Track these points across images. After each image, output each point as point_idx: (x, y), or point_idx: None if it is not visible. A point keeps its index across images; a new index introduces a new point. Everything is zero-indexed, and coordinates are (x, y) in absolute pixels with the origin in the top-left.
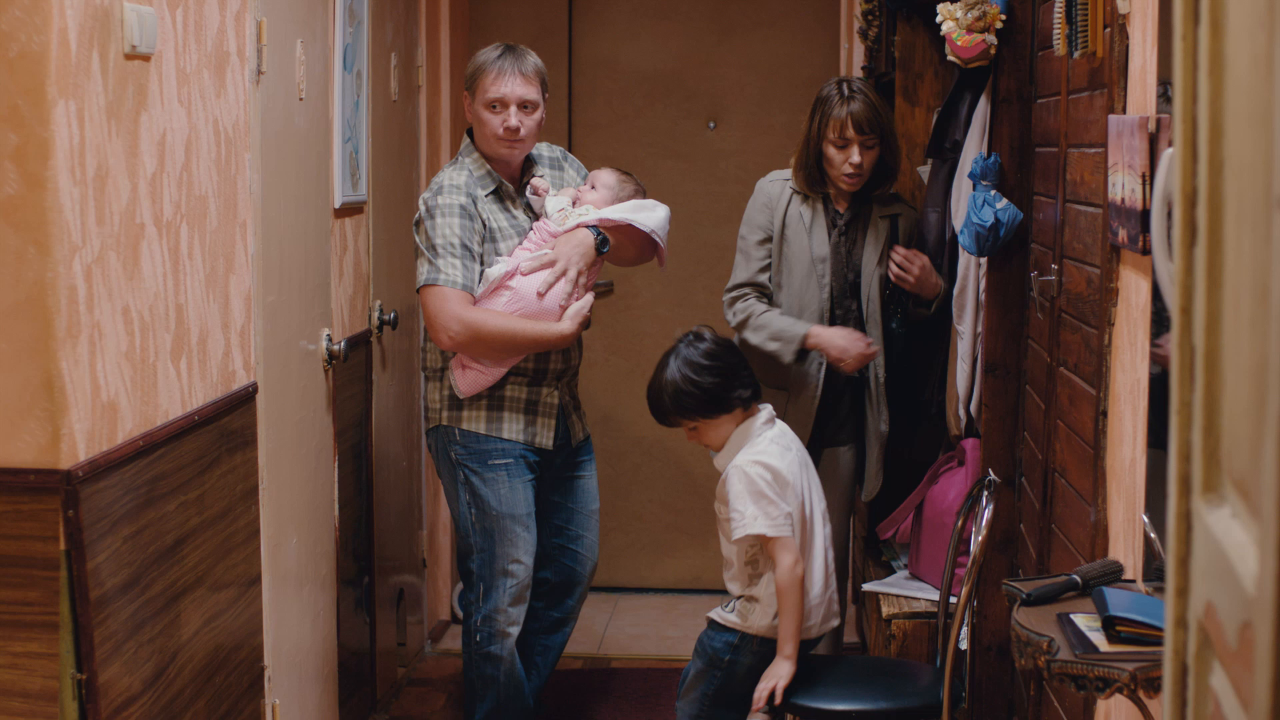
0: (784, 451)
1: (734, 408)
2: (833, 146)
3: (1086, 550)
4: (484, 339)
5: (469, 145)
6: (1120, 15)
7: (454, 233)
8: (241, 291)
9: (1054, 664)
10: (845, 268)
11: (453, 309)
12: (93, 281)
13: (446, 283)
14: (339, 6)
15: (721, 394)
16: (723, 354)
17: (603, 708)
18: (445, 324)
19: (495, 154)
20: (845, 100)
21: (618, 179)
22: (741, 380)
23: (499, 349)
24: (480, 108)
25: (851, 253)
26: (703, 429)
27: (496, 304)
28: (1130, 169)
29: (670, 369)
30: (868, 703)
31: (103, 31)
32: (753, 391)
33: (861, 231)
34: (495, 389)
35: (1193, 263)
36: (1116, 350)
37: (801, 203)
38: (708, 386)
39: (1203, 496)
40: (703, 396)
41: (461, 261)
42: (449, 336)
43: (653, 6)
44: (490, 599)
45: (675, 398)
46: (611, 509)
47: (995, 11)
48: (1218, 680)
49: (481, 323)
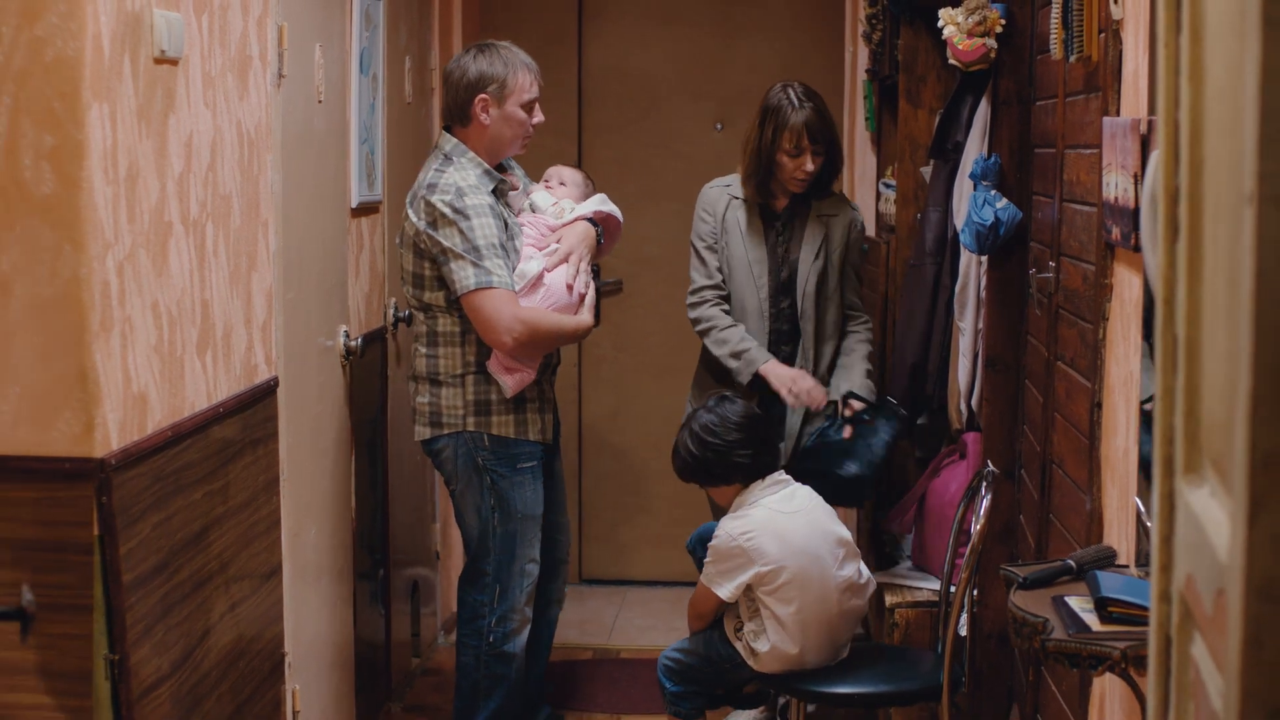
0: (776, 515)
1: (732, 480)
2: (786, 155)
3: (1082, 538)
4: (540, 336)
5: (459, 145)
6: (1114, 21)
7: (493, 233)
8: (263, 288)
9: (1049, 643)
10: (781, 265)
11: (512, 310)
12: (124, 277)
13: (500, 284)
14: (355, 11)
15: (718, 468)
16: (729, 431)
17: (612, 696)
18: (508, 325)
19: (507, 153)
20: (798, 109)
21: (581, 175)
22: (740, 459)
23: (548, 345)
24: (515, 108)
25: (788, 250)
26: (710, 491)
27: (534, 301)
28: (1123, 169)
29: (684, 432)
30: (870, 686)
31: (133, 37)
32: (756, 464)
33: (799, 230)
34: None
35: (1175, 257)
36: (1110, 344)
37: (740, 207)
38: (706, 459)
39: (1184, 477)
40: (699, 468)
41: (504, 262)
42: (512, 338)
43: (660, 11)
44: (507, 599)
45: (679, 462)
46: (620, 504)
47: (995, 16)
48: (1198, 649)
49: (538, 321)
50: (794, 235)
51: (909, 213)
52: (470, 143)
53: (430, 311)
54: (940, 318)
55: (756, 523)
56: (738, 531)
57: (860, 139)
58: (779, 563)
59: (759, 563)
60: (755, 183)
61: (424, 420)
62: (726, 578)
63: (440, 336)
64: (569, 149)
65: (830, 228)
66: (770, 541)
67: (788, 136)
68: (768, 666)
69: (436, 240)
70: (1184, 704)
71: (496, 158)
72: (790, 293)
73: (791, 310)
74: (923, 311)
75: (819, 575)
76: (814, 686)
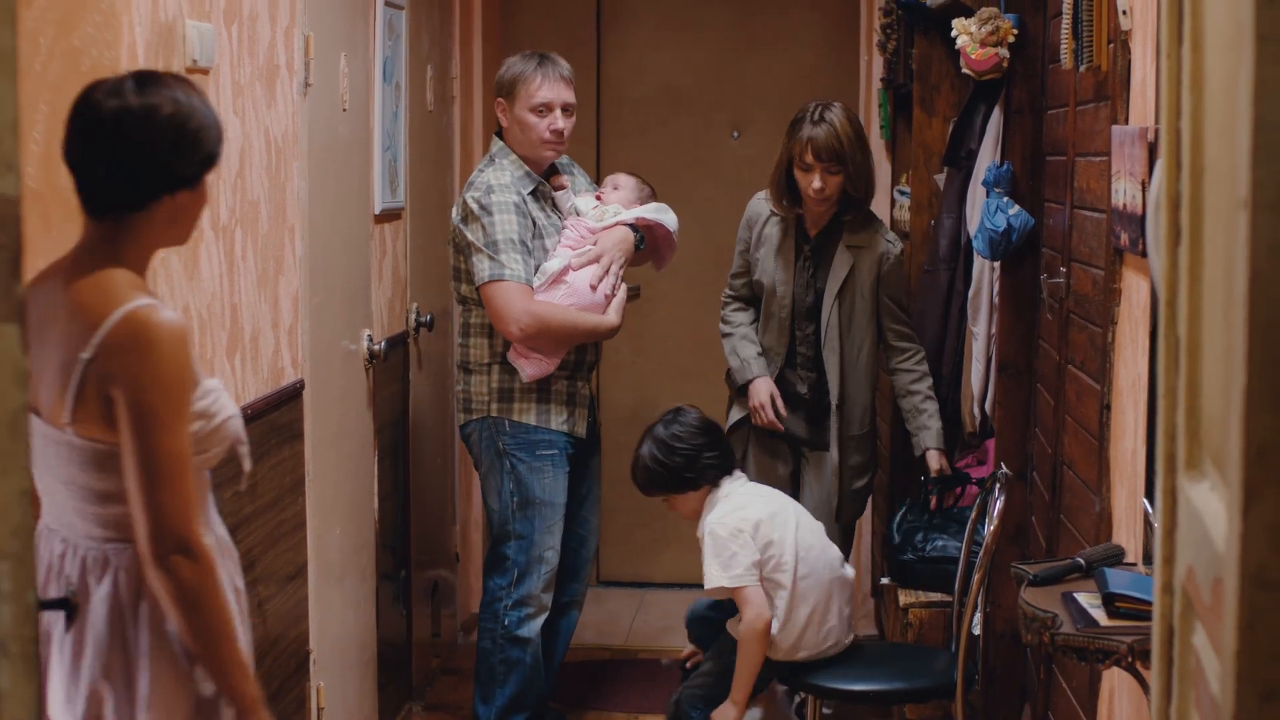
0: (755, 499)
1: (700, 485)
2: (799, 169)
3: (1092, 537)
4: (550, 330)
5: (503, 148)
6: (1123, 32)
7: (513, 229)
8: (290, 292)
9: (1058, 637)
10: (806, 291)
11: (522, 302)
12: (158, 281)
13: (512, 277)
14: (379, 21)
15: (686, 474)
16: (693, 435)
17: (630, 696)
18: (516, 316)
19: (538, 156)
20: (812, 125)
21: (636, 182)
22: (708, 460)
23: (561, 340)
24: (525, 112)
25: (815, 277)
26: (674, 502)
27: (553, 296)
28: (1131, 176)
29: (644, 446)
30: (884, 683)
31: (167, 47)
32: (721, 468)
33: (827, 258)
34: (542, 382)
35: (1177, 260)
36: (1119, 347)
37: (777, 224)
38: (674, 466)
39: (1186, 473)
40: (668, 476)
41: (522, 256)
42: (519, 329)
43: (678, 20)
44: (525, 584)
45: (645, 474)
46: (638, 507)
47: (1008, 26)
48: (1198, 638)
49: (549, 315)
50: (822, 262)
51: (923, 219)
52: (510, 145)
53: (466, 304)
54: (954, 323)
55: (742, 500)
56: (728, 514)
57: (875, 147)
58: (777, 530)
59: (761, 531)
60: (781, 198)
61: (460, 406)
62: (736, 563)
63: (472, 328)
64: (588, 155)
65: (858, 259)
66: (762, 509)
67: (797, 149)
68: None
69: (464, 234)
70: (1185, 692)
71: (535, 160)
72: (815, 319)
73: (815, 337)
74: (936, 316)
75: (807, 538)
76: (829, 683)
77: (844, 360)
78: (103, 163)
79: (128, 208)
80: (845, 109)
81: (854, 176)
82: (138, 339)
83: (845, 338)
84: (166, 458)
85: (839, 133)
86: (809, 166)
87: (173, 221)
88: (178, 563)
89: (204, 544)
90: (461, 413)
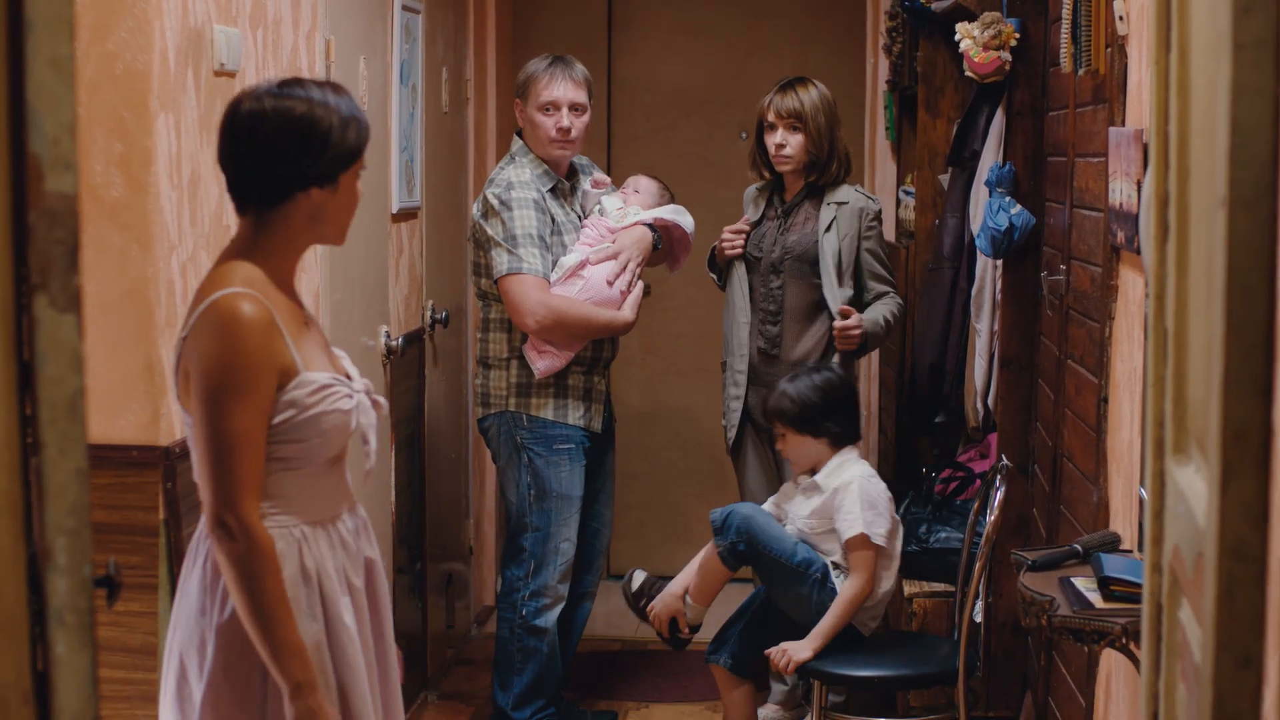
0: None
1: (821, 435)
2: (767, 131)
3: (1090, 526)
4: (565, 323)
5: (522, 147)
6: (1120, 36)
7: (531, 224)
8: (311, 289)
9: (1055, 619)
10: (773, 247)
11: (538, 295)
12: (187, 277)
13: (530, 271)
14: (396, 25)
15: (828, 420)
16: (834, 389)
17: (639, 685)
18: (532, 309)
19: (549, 155)
20: (778, 90)
21: (658, 186)
22: (848, 419)
23: (576, 333)
24: (534, 111)
25: (785, 234)
26: (791, 441)
27: (570, 291)
28: (1127, 176)
29: (801, 379)
30: (889, 669)
31: (195, 51)
32: (848, 435)
33: (800, 215)
34: (559, 377)
35: (1165, 256)
36: (1116, 342)
37: (759, 193)
38: (824, 408)
39: (1174, 457)
40: (816, 414)
41: (539, 251)
42: (535, 321)
43: (688, 24)
44: (541, 575)
45: (797, 404)
46: (648, 502)
47: (1010, 30)
48: (1184, 613)
49: (564, 309)
50: (795, 219)
51: (928, 219)
52: (528, 144)
53: (486, 300)
54: (957, 320)
55: (870, 470)
56: (872, 476)
57: (881, 148)
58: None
59: (892, 506)
60: (752, 157)
61: (479, 400)
62: (884, 520)
63: (491, 323)
64: (598, 157)
65: (839, 215)
66: None
67: (762, 111)
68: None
69: (484, 229)
70: (1173, 664)
71: (551, 159)
72: (780, 274)
73: (781, 291)
74: (941, 314)
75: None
76: (836, 669)
77: (803, 311)
78: (239, 161)
79: (264, 204)
80: (816, 83)
81: (814, 136)
82: (214, 322)
83: (805, 290)
84: (221, 438)
85: (799, 95)
86: (772, 125)
87: (314, 219)
88: (221, 538)
89: (253, 525)
90: (480, 406)
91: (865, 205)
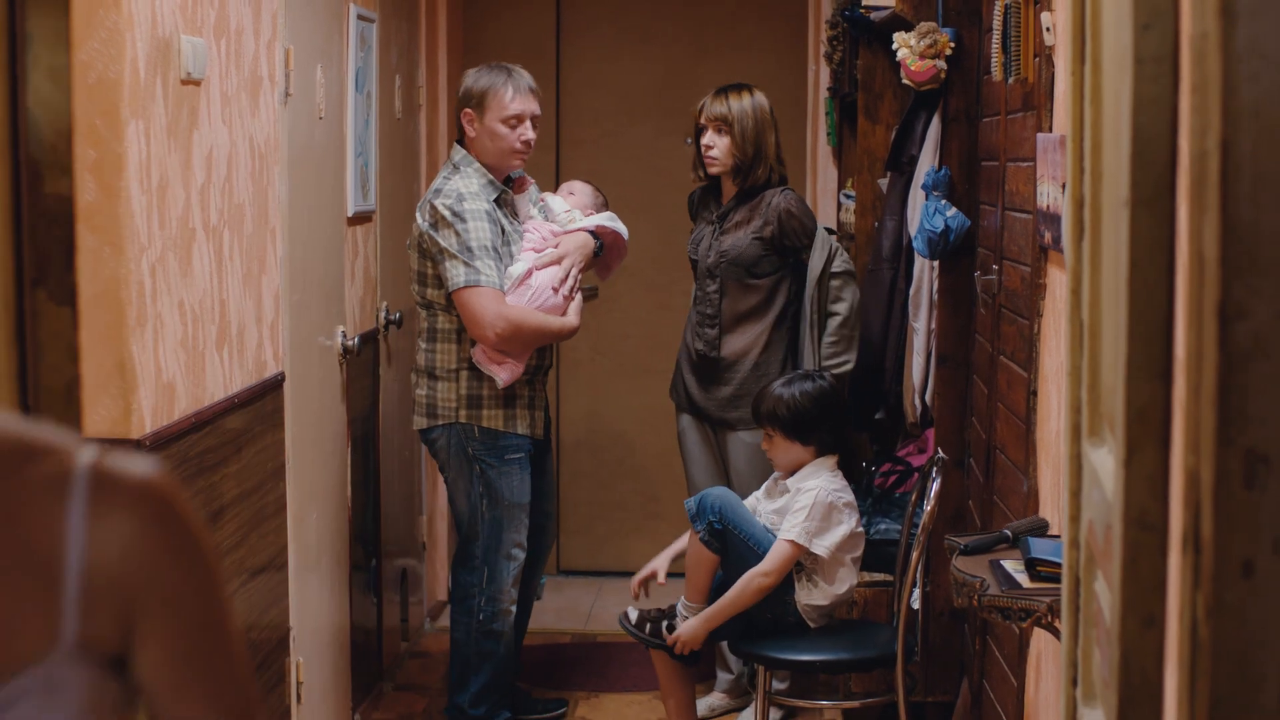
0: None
1: (809, 443)
2: (700, 133)
3: (1021, 514)
4: (523, 333)
5: (466, 156)
6: (1047, 47)
7: (486, 236)
8: (271, 290)
9: (984, 599)
10: (708, 252)
11: (497, 307)
12: (156, 278)
13: (487, 283)
14: (351, 33)
15: (817, 428)
16: (828, 399)
17: (589, 676)
18: (491, 321)
19: (505, 165)
20: (713, 95)
21: (591, 189)
22: (835, 428)
23: (532, 342)
24: (496, 123)
25: (720, 239)
26: (777, 444)
27: (521, 299)
28: (1053, 180)
29: (791, 384)
30: (830, 654)
31: (164, 60)
32: (832, 441)
33: (731, 219)
34: (507, 388)
35: (1081, 253)
36: (1044, 338)
37: (701, 197)
38: (815, 416)
39: (1089, 440)
40: (791, 419)
41: (494, 263)
42: (495, 333)
43: (635, 30)
44: (495, 581)
45: (789, 408)
46: (595, 499)
47: (945, 40)
48: (1098, 584)
49: (521, 319)
50: (729, 223)
51: (867, 222)
52: (474, 154)
53: (431, 309)
54: (896, 319)
55: (844, 484)
56: (840, 490)
57: (822, 153)
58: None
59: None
60: (696, 163)
61: (421, 411)
62: (827, 534)
63: (439, 333)
64: (548, 161)
65: (754, 216)
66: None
67: (695, 115)
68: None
69: (436, 240)
70: (1089, 633)
71: (498, 169)
72: (716, 278)
73: (718, 295)
74: (880, 313)
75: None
76: (779, 654)
77: (735, 314)
78: None
79: None
80: (753, 90)
81: (738, 140)
82: None
83: (738, 291)
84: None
85: (729, 100)
86: (703, 128)
87: None
88: None
89: None
90: (424, 417)
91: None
